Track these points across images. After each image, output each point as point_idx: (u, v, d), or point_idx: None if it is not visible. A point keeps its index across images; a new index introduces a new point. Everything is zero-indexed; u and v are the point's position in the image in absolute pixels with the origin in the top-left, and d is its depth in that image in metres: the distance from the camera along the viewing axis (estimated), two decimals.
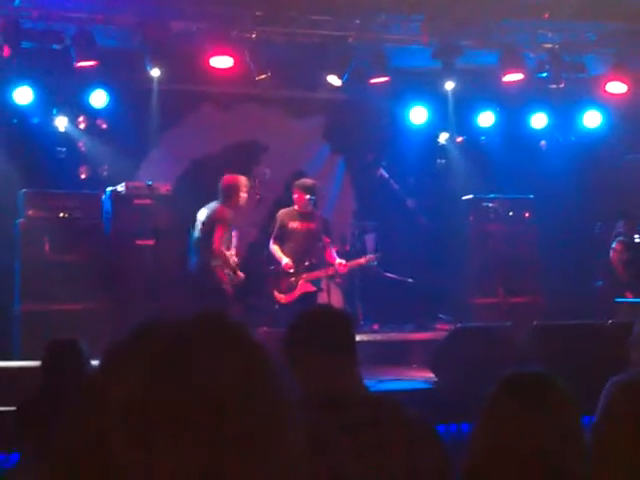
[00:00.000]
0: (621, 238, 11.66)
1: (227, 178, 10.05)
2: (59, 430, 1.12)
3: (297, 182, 10.46)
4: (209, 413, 1.07)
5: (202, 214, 9.94)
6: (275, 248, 10.31)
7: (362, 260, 10.86)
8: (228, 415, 1.08)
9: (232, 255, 9.90)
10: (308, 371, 3.25)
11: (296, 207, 10.31)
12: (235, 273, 9.85)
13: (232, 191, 9.90)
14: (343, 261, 10.42)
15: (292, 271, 10.19)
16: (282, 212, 10.40)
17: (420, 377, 8.84)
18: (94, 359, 4.97)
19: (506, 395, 2.63)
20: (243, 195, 9.94)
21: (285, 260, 10.17)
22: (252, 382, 1.13)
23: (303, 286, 10.25)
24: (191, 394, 1.08)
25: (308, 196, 10.18)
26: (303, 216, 10.29)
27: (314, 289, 10.31)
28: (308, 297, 10.20)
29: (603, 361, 6.30)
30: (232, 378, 1.11)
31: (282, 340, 3.36)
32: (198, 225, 9.92)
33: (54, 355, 5.07)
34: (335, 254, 10.50)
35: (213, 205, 9.92)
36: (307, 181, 10.51)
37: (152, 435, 1.05)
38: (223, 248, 9.70)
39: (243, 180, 10.05)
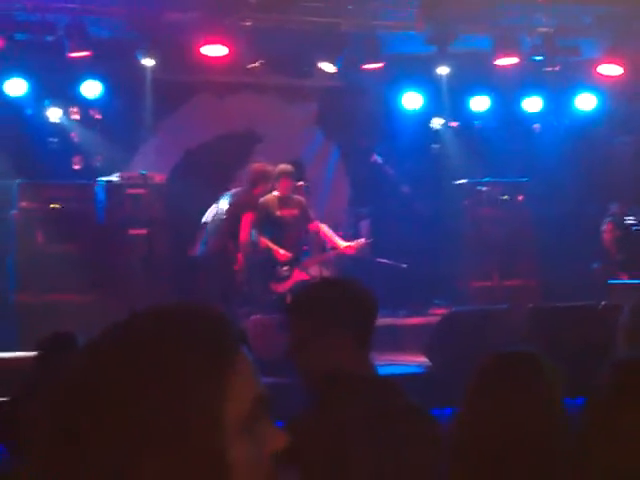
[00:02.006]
0: (609, 218, 11.67)
1: (256, 167, 10.05)
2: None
3: (280, 170, 10.23)
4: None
5: (224, 202, 10.00)
6: (264, 240, 10.12)
7: (354, 245, 10.78)
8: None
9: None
10: (324, 348, 3.04)
11: (277, 193, 10.10)
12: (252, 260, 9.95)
13: (260, 179, 9.92)
14: (350, 243, 10.38)
15: (286, 262, 10.14)
16: (264, 200, 10.11)
17: (414, 362, 8.84)
18: None
19: (493, 373, 2.66)
20: (269, 184, 9.96)
21: (282, 251, 10.09)
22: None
23: (298, 274, 10.17)
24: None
25: (293, 182, 10.15)
26: (286, 203, 10.11)
27: (308, 277, 10.28)
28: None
29: (597, 343, 6.30)
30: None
31: (295, 312, 3.18)
32: (219, 212, 9.96)
33: (51, 349, 5.03)
34: (334, 236, 10.42)
35: (239, 192, 10.00)
36: (287, 166, 10.35)
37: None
38: (250, 237, 9.79)
39: (269, 169, 10.04)
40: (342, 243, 10.31)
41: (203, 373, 1.13)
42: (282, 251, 10.05)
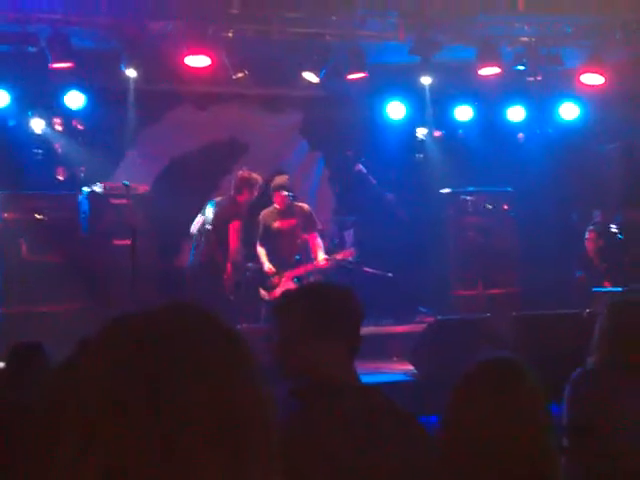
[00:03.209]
0: (592, 227, 11.70)
1: (242, 174, 10.10)
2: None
3: (274, 184, 10.39)
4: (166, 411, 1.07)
5: (209, 211, 10.04)
6: (261, 251, 10.32)
7: (340, 255, 10.86)
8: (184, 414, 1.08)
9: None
10: (312, 357, 3.00)
11: (277, 206, 10.33)
12: (240, 269, 9.99)
13: (245, 187, 9.93)
14: (326, 256, 10.45)
15: (274, 275, 10.20)
16: (264, 213, 10.38)
17: (400, 370, 8.85)
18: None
19: (477, 379, 2.67)
20: (254, 192, 9.99)
21: (267, 265, 10.20)
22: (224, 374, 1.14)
23: (285, 283, 10.19)
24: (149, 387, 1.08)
25: (286, 193, 10.23)
26: (284, 214, 10.31)
27: (295, 286, 10.29)
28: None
29: (581, 351, 6.31)
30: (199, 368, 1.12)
31: (281, 322, 3.12)
32: (205, 221, 9.95)
33: (19, 358, 4.98)
34: (321, 248, 10.48)
35: (222, 201, 10.04)
36: (281, 179, 10.47)
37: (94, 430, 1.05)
38: (240, 244, 9.84)
39: (256, 178, 10.07)
40: (321, 256, 10.36)
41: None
42: (267, 265, 10.13)
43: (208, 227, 9.98)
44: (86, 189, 10.73)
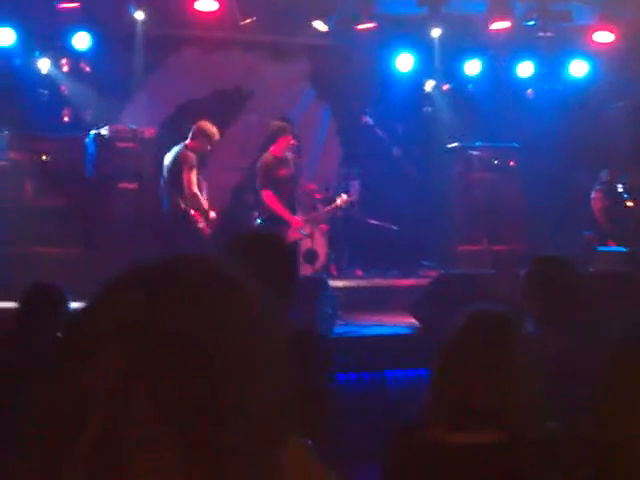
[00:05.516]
0: (599, 187, 11.68)
1: (201, 122, 9.85)
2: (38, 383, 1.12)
3: (284, 127, 10.11)
4: (195, 356, 1.06)
5: (167, 158, 9.79)
6: (274, 200, 9.90)
7: (337, 202, 10.75)
8: (215, 360, 1.07)
9: (205, 199, 9.75)
10: None
11: (276, 153, 9.98)
12: (207, 215, 9.71)
13: (201, 135, 9.76)
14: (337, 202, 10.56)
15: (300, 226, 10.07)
16: (266, 159, 9.99)
17: (403, 322, 8.87)
18: (73, 302, 4.93)
19: (468, 330, 2.69)
20: (207, 144, 9.79)
21: (295, 218, 10.04)
22: (246, 319, 1.13)
23: (292, 233, 10.02)
24: (180, 333, 1.07)
25: (292, 140, 10.08)
26: (282, 161, 10.03)
27: (301, 236, 10.21)
28: (297, 244, 10.07)
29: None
30: (220, 315, 1.11)
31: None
32: (165, 169, 9.81)
33: (34, 300, 4.94)
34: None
35: (177, 149, 9.76)
36: (286, 123, 10.23)
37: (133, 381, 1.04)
38: (195, 190, 9.57)
39: (213, 131, 9.86)
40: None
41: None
42: (297, 218, 9.99)
43: (165, 175, 9.77)
44: (93, 132, 10.64)
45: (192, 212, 9.56)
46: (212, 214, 9.74)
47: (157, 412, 1.02)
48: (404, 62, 12.65)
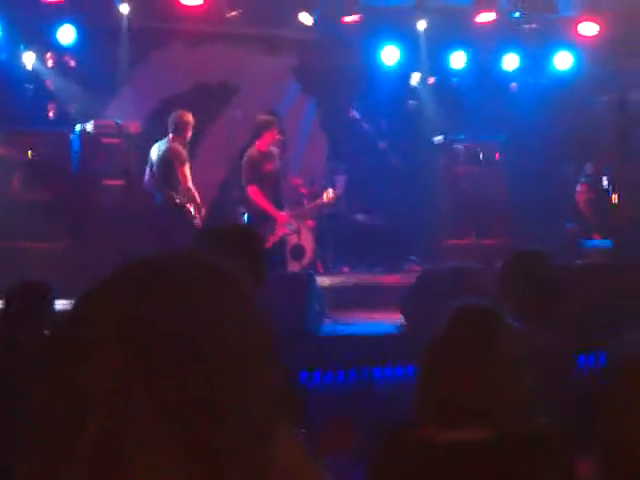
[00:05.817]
0: (584, 179, 11.71)
1: (180, 113, 9.70)
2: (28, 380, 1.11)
3: (271, 120, 9.98)
4: (192, 354, 1.06)
5: (154, 153, 9.66)
6: (260, 195, 9.70)
7: (323, 199, 10.62)
8: (209, 357, 1.08)
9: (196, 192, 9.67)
10: None
11: (262, 148, 9.78)
12: (201, 209, 9.65)
13: (186, 127, 9.69)
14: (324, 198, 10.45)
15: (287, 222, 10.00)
16: (252, 154, 9.79)
17: (389, 319, 8.85)
18: (60, 298, 4.93)
19: (455, 325, 2.68)
20: (188, 133, 9.70)
21: (281, 214, 9.84)
22: (235, 316, 1.12)
23: (281, 229, 9.96)
24: (175, 331, 1.07)
25: (277, 134, 10.00)
26: (267, 156, 9.82)
27: (288, 231, 10.15)
28: (284, 240, 10.04)
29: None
30: (212, 312, 1.11)
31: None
32: (153, 164, 9.69)
33: (20, 297, 4.92)
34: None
35: (164, 144, 9.60)
36: (273, 117, 10.14)
37: (132, 379, 1.04)
38: (190, 184, 9.50)
39: (190, 118, 9.76)
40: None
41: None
42: (282, 214, 9.84)
43: (154, 170, 9.67)
44: (78, 127, 10.59)
45: (188, 206, 9.52)
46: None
47: (157, 412, 1.02)
48: (390, 55, 12.59)
